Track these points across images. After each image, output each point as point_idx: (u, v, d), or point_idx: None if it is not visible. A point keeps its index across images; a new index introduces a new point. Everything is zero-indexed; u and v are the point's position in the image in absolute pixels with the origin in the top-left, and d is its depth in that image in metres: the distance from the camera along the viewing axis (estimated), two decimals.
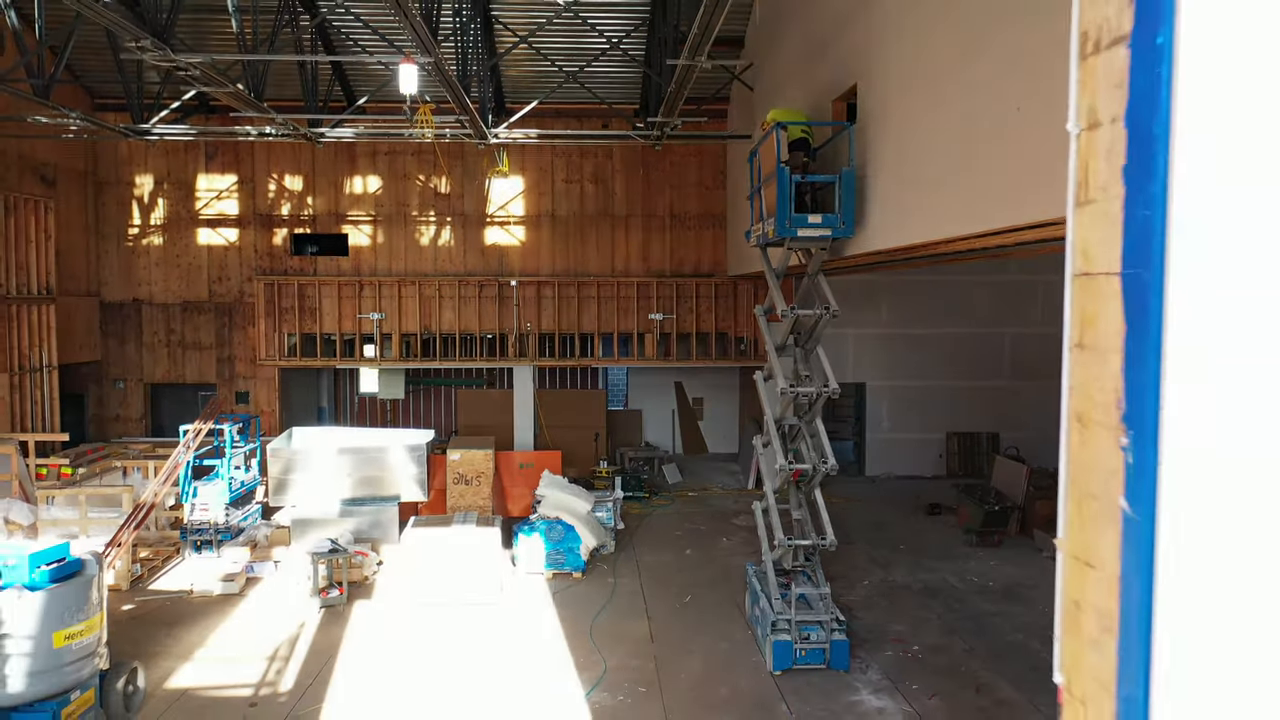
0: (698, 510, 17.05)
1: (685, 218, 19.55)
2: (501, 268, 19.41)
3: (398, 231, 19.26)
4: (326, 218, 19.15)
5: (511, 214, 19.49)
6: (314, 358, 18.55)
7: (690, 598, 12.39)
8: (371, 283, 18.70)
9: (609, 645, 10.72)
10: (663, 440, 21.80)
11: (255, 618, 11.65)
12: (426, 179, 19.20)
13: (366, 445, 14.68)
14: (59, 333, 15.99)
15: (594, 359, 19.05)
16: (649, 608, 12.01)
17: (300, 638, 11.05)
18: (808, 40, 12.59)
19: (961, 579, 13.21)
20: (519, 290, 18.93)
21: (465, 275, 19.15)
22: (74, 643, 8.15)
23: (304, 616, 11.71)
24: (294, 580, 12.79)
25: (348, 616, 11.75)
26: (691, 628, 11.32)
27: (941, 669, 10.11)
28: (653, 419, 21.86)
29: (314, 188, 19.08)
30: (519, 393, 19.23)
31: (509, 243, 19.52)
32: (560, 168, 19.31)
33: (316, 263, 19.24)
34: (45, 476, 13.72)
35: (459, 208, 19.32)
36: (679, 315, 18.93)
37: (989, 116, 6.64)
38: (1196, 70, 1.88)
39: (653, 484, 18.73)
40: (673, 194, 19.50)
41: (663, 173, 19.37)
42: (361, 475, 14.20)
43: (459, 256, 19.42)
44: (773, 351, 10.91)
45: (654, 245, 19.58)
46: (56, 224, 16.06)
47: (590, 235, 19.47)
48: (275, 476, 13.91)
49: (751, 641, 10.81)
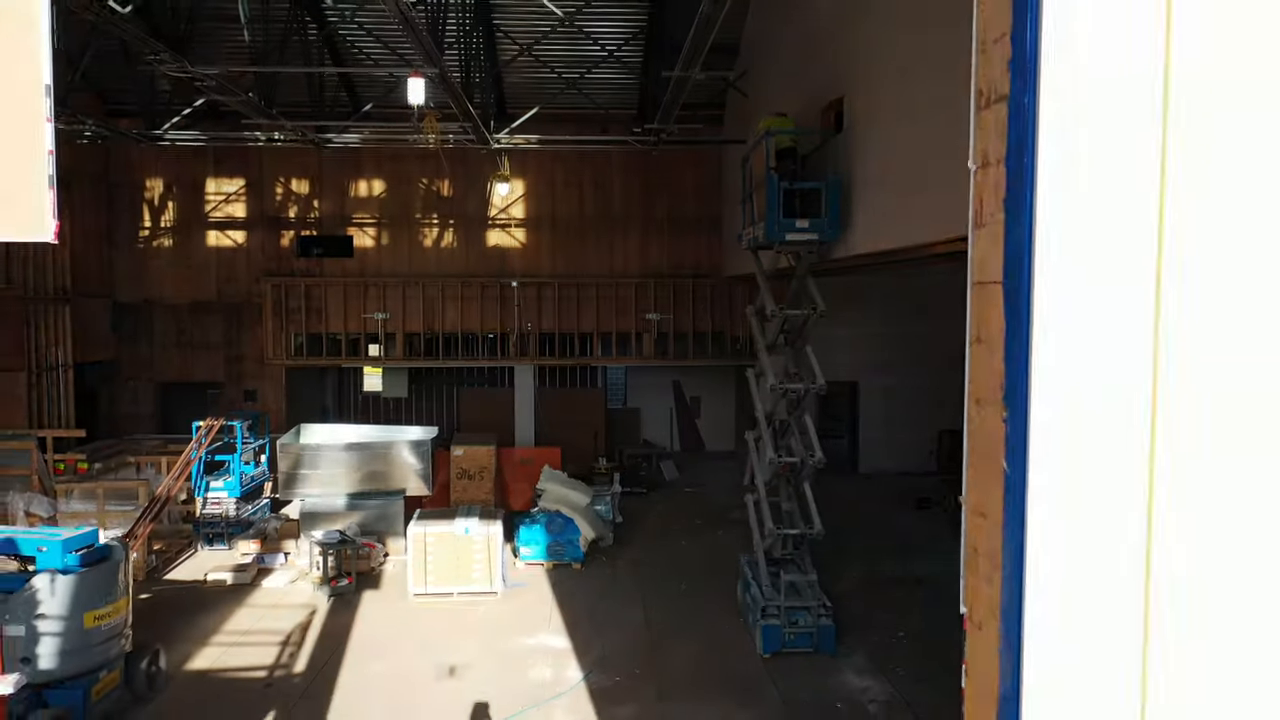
0: (694, 505, 17.59)
1: (682, 220, 20.09)
2: (503, 269, 19.96)
3: (402, 234, 19.81)
4: (332, 220, 19.71)
5: (513, 216, 20.05)
6: (320, 357, 19.11)
7: (685, 587, 12.93)
8: (376, 284, 19.26)
9: (606, 631, 11.27)
10: (661, 438, 22.35)
11: (268, 606, 12.21)
12: (430, 182, 19.76)
13: (373, 441, 15.25)
14: (74, 333, 16.54)
15: (593, 358, 19.60)
16: (645, 596, 12.56)
17: (311, 624, 11.60)
18: (799, 50, 13.14)
19: (947, 569, 13.74)
20: (520, 291, 19.49)
21: (467, 276, 19.70)
22: (103, 624, 8.71)
23: (314, 604, 12.26)
24: (304, 570, 13.34)
25: (356, 605, 12.30)
26: (685, 615, 11.87)
27: (926, 653, 10.66)
28: (651, 417, 22.40)
29: (320, 191, 19.64)
30: (519, 391, 19.79)
31: (510, 244, 20.08)
32: (560, 172, 19.87)
33: (323, 264, 19.79)
34: (63, 471, 14.27)
35: (461, 210, 19.89)
36: (676, 315, 19.48)
37: (948, 135, 7.19)
38: (1053, 125, 2.43)
39: (650, 480, 19.27)
40: (669, 197, 20.04)
41: (660, 176, 19.91)
42: (368, 470, 14.75)
43: (461, 258, 19.98)
44: (763, 350, 11.47)
45: (651, 247, 20.13)
46: (71, 227, 16.62)
47: (589, 237, 20.02)
48: (284, 471, 14.46)
49: (743, 628, 11.36)
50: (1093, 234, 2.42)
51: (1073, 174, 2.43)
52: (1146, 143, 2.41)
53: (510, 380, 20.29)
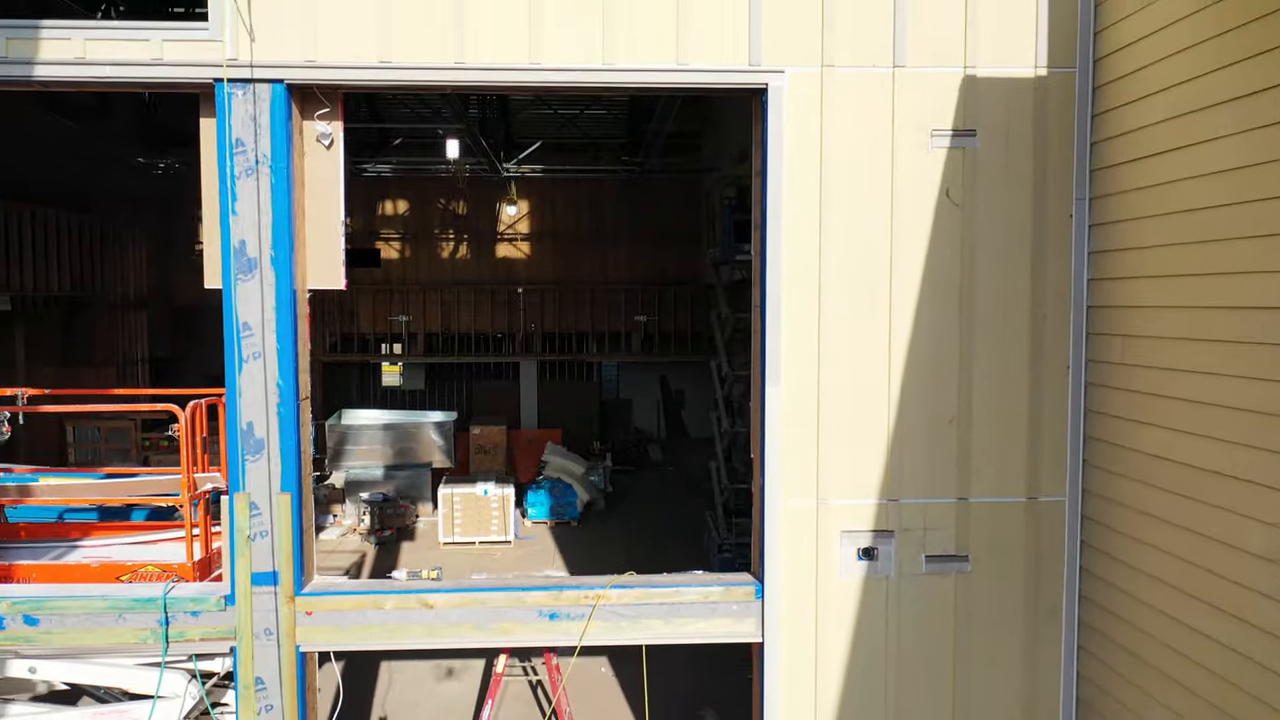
0: (674, 481, 20.94)
1: (665, 235, 23.39)
2: (510, 277, 23.29)
3: (422, 247, 23.17)
4: (362, 235, 23.05)
5: (518, 231, 23.41)
6: (352, 354, 22.47)
7: (661, 538, 16.30)
8: (400, 290, 22.60)
9: (596, 569, 14.64)
10: (649, 426, 25.67)
11: (326, 552, 15.53)
12: (447, 202, 23.13)
13: (404, 422, 18.61)
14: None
15: (589, 355, 22.95)
16: (629, 546, 15.90)
17: (364, 563, 14.97)
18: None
19: None
20: (524, 296, 22.83)
21: (479, 283, 23.02)
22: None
23: (363, 550, 15.62)
24: (351, 526, 16.69)
25: (397, 551, 15.66)
26: (661, 557, 15.14)
27: None
28: (640, 407, 25.71)
29: (352, 209, 22.96)
30: (524, 383, 23.14)
31: (516, 256, 23.44)
32: (559, 193, 23.20)
33: (354, 273, 23.05)
34: (149, 447, 17.62)
35: (474, 226, 23.25)
36: (660, 318, 22.81)
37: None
38: (779, 226, 5.81)
39: (638, 460, 22.62)
40: (654, 215, 23.32)
41: (646, 198, 23.17)
42: (400, 446, 18.10)
43: (474, 267, 23.32)
44: (721, 346, 14.83)
45: (639, 258, 23.44)
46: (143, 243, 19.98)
47: (585, 249, 23.36)
48: (331, 447, 17.81)
49: (708, 566, 14.70)
50: (794, 299, 5.82)
51: (780, 260, 5.82)
52: (811, 234, 5.78)
53: (516, 374, 23.62)
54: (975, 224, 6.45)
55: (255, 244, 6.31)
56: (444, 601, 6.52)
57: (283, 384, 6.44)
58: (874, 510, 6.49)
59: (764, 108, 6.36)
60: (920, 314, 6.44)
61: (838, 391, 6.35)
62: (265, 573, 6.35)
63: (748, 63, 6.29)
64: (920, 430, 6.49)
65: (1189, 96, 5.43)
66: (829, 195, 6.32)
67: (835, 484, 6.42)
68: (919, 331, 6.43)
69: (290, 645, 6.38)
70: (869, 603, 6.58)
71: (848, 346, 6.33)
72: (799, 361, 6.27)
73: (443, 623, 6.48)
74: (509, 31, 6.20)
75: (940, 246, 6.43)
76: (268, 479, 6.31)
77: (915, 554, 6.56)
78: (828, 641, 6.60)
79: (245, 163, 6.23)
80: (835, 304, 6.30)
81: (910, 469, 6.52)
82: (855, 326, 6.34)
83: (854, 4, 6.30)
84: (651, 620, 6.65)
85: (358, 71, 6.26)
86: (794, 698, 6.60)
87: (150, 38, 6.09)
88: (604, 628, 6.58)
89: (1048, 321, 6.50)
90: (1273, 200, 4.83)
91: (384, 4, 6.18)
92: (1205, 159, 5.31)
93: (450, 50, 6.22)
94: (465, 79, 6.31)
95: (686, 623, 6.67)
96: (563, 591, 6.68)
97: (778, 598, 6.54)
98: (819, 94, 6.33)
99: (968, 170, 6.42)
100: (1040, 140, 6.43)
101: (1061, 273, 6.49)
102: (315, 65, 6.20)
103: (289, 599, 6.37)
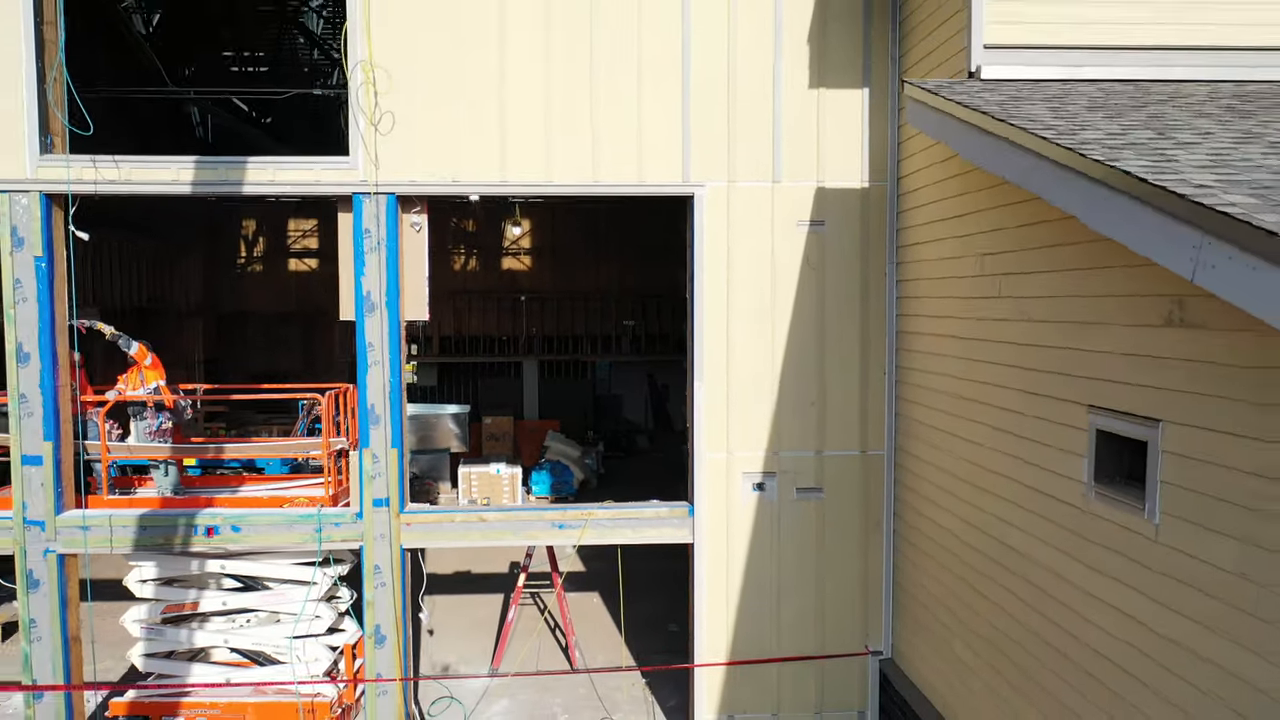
0: (659, 465, 25.18)
1: (652, 249, 27.60)
2: (514, 286, 27.51)
3: (436, 259, 27.30)
4: None
5: (522, 246, 27.63)
6: None
7: None
8: None
9: None
10: (637, 418, 29.91)
11: None
12: (458, 221, 27.33)
13: (424, 412, 22.75)
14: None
15: (584, 355, 27.16)
16: None
17: None
18: None
19: None
20: (527, 303, 27.04)
21: (486, 292, 27.23)
22: None
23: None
24: None
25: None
26: None
27: None
28: (629, 402, 29.94)
29: None
30: (527, 381, 27.36)
31: (519, 268, 27.65)
32: (558, 215, 27.41)
33: None
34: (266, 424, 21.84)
35: (482, 242, 27.46)
36: (647, 322, 27.05)
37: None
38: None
39: (627, 448, 26.87)
40: (642, 233, 27.55)
41: (635, 218, 27.39)
42: (421, 434, 22.22)
43: (482, 278, 27.53)
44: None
45: (629, 270, 27.66)
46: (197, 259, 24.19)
47: (581, 262, 27.56)
48: None
49: None
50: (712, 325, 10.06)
51: (704, 298, 10.06)
52: (722, 284, 9.98)
53: (520, 372, 27.87)
54: (826, 279, 10.69)
55: (376, 293, 10.51)
56: (493, 517, 10.76)
57: (393, 380, 10.62)
58: (764, 459, 10.73)
59: (693, 206, 10.60)
60: (792, 335, 10.66)
61: (740, 384, 10.57)
62: (381, 499, 10.55)
63: (682, 180, 10.54)
64: (792, 409, 10.72)
65: (934, 209, 9.64)
66: (734, 259, 10.56)
67: (739, 442, 10.64)
68: (791, 346, 10.65)
69: (397, 545, 10.60)
70: (761, 518, 10.81)
71: (747, 355, 10.55)
72: (716, 365, 10.47)
73: (492, 529, 10.70)
74: (534, 164, 10.43)
75: (804, 293, 10.66)
76: (385, 439, 10.51)
77: (790, 487, 10.80)
78: (735, 543, 10.83)
79: (370, 243, 10.44)
80: (739, 328, 10.52)
81: (787, 433, 10.74)
82: (751, 342, 10.56)
83: (748, 144, 10.52)
84: (624, 529, 10.88)
85: (438, 187, 10.50)
86: (714, 580, 10.84)
87: (313, 167, 10.29)
88: (593, 533, 10.81)
89: (871, 341, 10.74)
90: (966, 267, 9.05)
91: (455, 147, 10.39)
92: (942, 245, 9.53)
93: (496, 174, 10.45)
94: (505, 191, 10.56)
95: (646, 531, 10.90)
96: (566, 510, 10.91)
97: (704, 515, 10.77)
98: (727, 198, 10.57)
99: (820, 245, 10.65)
100: (865, 227, 10.66)
101: (879, 310, 10.73)
102: (414, 184, 10.42)
103: (396, 515, 10.58)
